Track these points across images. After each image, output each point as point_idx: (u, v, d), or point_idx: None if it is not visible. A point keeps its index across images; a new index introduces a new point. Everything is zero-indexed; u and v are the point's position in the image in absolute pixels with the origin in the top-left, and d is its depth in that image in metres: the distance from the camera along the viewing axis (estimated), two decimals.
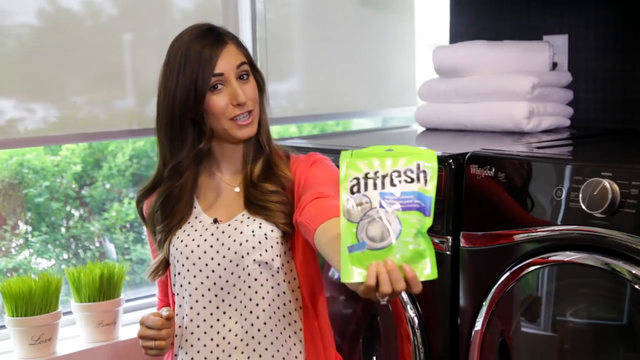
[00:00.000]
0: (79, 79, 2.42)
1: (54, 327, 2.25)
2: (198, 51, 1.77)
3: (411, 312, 2.05)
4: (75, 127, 2.42)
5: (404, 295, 2.06)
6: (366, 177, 1.45)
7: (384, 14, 3.09)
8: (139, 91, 2.54)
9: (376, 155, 1.47)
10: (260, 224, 1.81)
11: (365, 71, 3.07)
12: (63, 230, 2.87)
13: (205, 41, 1.78)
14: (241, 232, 1.81)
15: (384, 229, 1.39)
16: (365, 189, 1.44)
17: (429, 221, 1.41)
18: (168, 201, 1.85)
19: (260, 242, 1.80)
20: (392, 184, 1.43)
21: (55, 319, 2.24)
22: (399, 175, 1.44)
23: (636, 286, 1.65)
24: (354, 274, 1.39)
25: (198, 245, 1.81)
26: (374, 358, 2.18)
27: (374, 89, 3.12)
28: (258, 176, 1.84)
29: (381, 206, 1.42)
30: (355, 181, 1.46)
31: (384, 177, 1.44)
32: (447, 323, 2.01)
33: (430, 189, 1.43)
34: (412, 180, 1.43)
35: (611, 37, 2.56)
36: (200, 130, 1.81)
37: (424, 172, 1.44)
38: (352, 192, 1.45)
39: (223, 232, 1.82)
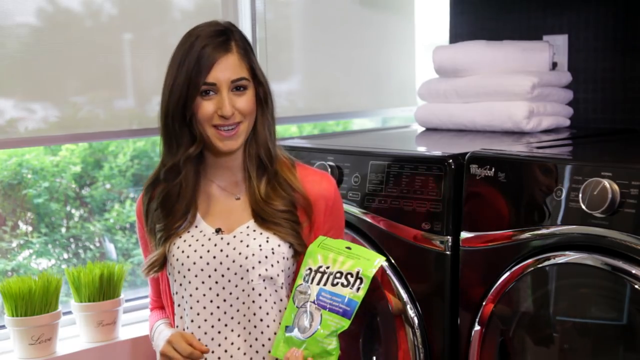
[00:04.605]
0: (79, 79, 2.42)
1: (54, 327, 2.25)
2: (198, 52, 1.72)
3: (411, 312, 2.05)
4: (75, 127, 2.41)
5: (404, 295, 2.06)
6: (317, 270, 1.71)
7: (384, 14, 3.09)
8: (139, 91, 2.54)
9: (336, 250, 1.72)
10: (268, 238, 1.78)
11: (365, 71, 3.07)
12: (63, 230, 2.87)
13: (209, 43, 1.73)
14: (247, 245, 1.76)
15: (308, 323, 1.68)
16: (312, 281, 1.71)
17: (347, 323, 1.66)
18: (167, 200, 1.80)
19: (266, 257, 1.76)
20: (333, 284, 1.68)
21: (55, 319, 2.24)
22: (340, 277, 1.69)
23: (636, 286, 1.65)
24: (280, 353, 1.70)
25: (201, 257, 1.77)
26: (374, 358, 2.18)
27: (374, 89, 3.11)
28: (266, 194, 1.79)
29: (315, 300, 1.68)
30: (308, 271, 1.72)
31: (329, 274, 1.70)
32: (447, 323, 2.01)
33: (360, 295, 1.67)
34: (347, 285, 1.68)
35: (611, 37, 2.56)
36: (193, 132, 1.76)
37: (360, 279, 1.68)
38: (305, 280, 1.71)
39: (228, 243, 1.77)
